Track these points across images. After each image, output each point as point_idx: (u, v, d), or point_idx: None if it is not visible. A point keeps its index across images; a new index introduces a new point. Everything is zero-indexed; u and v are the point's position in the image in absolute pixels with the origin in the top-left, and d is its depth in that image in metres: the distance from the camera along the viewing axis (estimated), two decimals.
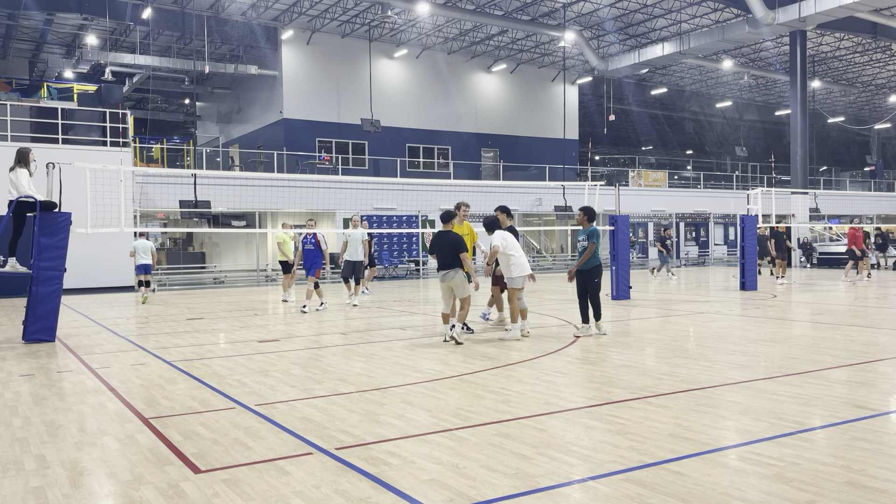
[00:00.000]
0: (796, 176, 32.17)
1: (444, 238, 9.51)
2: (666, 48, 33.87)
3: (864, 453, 4.53)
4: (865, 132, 54.56)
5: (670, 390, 6.45)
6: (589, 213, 10.17)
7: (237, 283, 24.43)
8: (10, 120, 20.74)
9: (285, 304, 16.17)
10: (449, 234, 9.54)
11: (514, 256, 9.85)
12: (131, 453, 4.82)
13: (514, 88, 38.83)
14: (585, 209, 10.23)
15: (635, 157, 51.52)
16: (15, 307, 15.76)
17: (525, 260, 10.00)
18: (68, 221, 10.51)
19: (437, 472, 4.31)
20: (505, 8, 31.55)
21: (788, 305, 14.41)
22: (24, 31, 32.69)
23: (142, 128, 37.48)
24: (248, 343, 9.99)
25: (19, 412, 6.05)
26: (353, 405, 6.07)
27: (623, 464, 4.41)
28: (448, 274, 9.39)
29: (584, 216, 10.16)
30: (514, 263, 9.84)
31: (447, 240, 9.48)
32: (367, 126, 30.86)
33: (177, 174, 22.78)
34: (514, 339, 9.79)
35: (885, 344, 9.03)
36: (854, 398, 6.03)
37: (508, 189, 29.64)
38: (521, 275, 9.84)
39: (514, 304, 9.95)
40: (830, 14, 28.18)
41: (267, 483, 4.19)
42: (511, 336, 9.82)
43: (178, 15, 30.13)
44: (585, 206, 10.31)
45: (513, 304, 9.95)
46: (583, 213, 10.18)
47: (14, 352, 9.48)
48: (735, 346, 9.04)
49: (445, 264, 9.40)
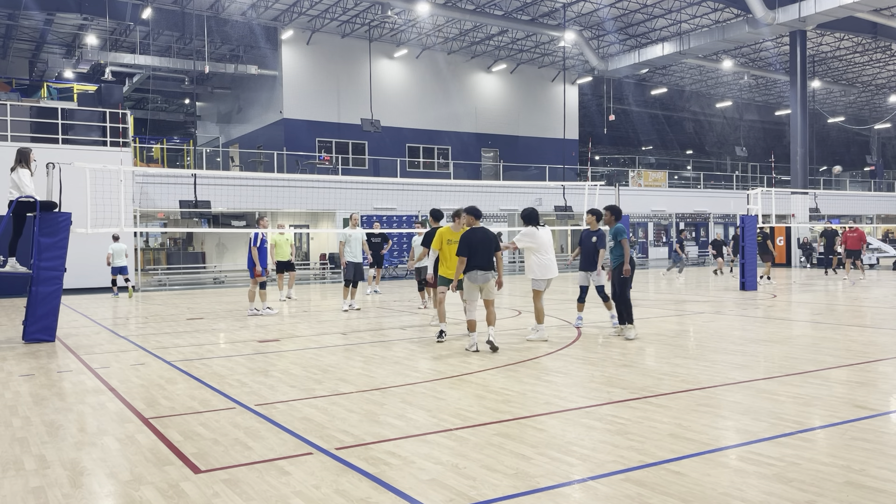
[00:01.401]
0: (796, 176, 32.17)
1: (484, 235, 8.76)
2: (666, 48, 33.88)
3: (864, 453, 4.53)
4: (865, 132, 54.55)
5: (670, 390, 6.45)
6: (615, 212, 9.95)
7: (237, 284, 24.42)
8: (10, 120, 20.74)
9: (283, 302, 16.22)
10: (485, 230, 8.85)
11: (540, 257, 9.63)
12: (131, 453, 4.82)
13: (514, 88, 38.83)
14: (611, 207, 10.02)
15: (635, 157, 51.52)
16: (15, 307, 15.76)
17: (553, 263, 9.74)
18: (68, 221, 10.51)
19: (437, 472, 4.31)
20: (505, 8, 31.55)
21: (788, 305, 14.41)
22: (24, 31, 32.69)
23: (142, 128, 37.49)
24: (248, 343, 9.99)
25: (19, 412, 6.05)
26: (353, 405, 6.07)
27: (623, 464, 4.41)
28: (488, 274, 8.73)
29: (612, 215, 9.95)
30: (539, 264, 9.62)
31: (488, 237, 8.78)
32: (367, 126, 30.86)
33: (177, 174, 22.78)
34: (542, 339, 9.61)
35: (885, 344, 9.03)
36: (854, 398, 6.03)
37: (508, 189, 29.64)
38: (544, 277, 9.64)
39: (537, 304, 9.74)
40: (830, 14, 28.18)
41: (267, 483, 4.19)
42: (538, 337, 9.64)
43: (178, 15, 30.13)
44: (611, 205, 10.12)
45: (537, 304, 9.74)
46: (609, 212, 9.97)
47: (14, 352, 9.48)
48: (735, 346, 9.04)
49: (485, 264, 8.69)
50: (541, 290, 9.73)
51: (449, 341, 9.64)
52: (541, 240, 9.69)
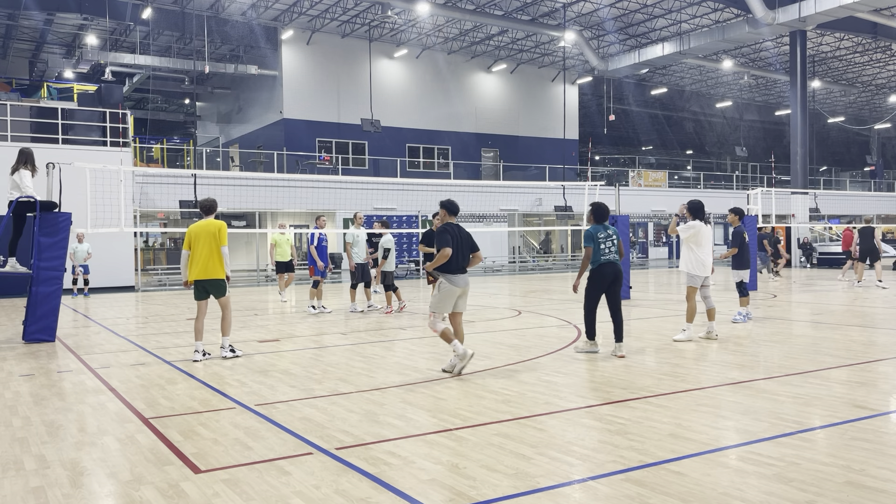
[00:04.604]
0: (796, 176, 32.17)
1: (461, 231, 7.47)
2: (666, 48, 33.88)
3: (864, 453, 4.53)
4: (865, 132, 54.55)
5: (670, 390, 6.45)
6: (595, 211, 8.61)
7: (237, 284, 24.42)
8: (10, 120, 20.74)
9: (284, 303, 16.21)
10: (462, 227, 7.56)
11: (699, 253, 9.31)
12: (131, 453, 4.82)
13: (514, 88, 38.84)
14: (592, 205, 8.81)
15: (635, 157, 51.53)
16: (15, 307, 15.76)
17: (710, 259, 9.41)
18: (68, 221, 10.51)
19: (437, 472, 4.31)
20: (505, 8, 31.54)
21: (788, 305, 14.41)
22: (24, 31, 32.69)
23: (142, 128, 37.49)
24: (248, 343, 9.99)
25: (19, 412, 6.05)
26: (353, 405, 6.07)
27: (623, 464, 4.41)
28: (468, 278, 7.50)
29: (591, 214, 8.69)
30: (698, 260, 9.32)
31: (464, 234, 7.49)
32: (367, 126, 30.86)
33: (177, 174, 22.77)
34: (687, 339, 9.25)
35: (885, 344, 9.03)
36: (854, 398, 6.03)
37: (508, 189, 29.63)
38: (698, 274, 9.35)
39: (691, 302, 9.37)
40: (830, 14, 28.18)
41: (267, 483, 4.19)
42: (684, 337, 9.28)
43: (178, 15, 30.13)
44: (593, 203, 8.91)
45: (690, 302, 9.36)
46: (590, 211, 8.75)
47: (14, 352, 9.48)
48: (735, 346, 9.04)
49: (465, 265, 7.44)
50: (696, 286, 9.41)
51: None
52: (704, 236, 9.36)
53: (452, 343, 7.20)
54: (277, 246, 16.50)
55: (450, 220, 7.53)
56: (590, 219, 8.70)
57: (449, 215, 7.57)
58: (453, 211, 7.59)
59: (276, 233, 16.55)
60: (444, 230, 7.36)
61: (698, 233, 9.35)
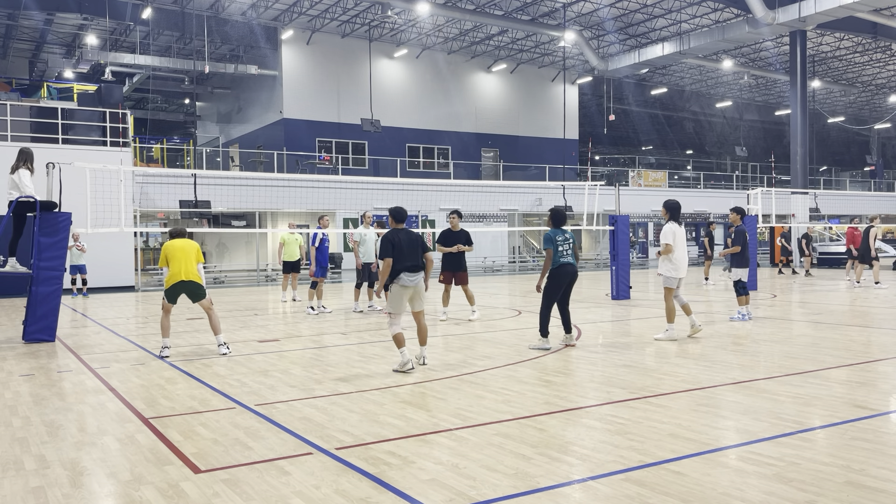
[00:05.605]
0: (796, 176, 32.17)
1: (407, 235, 7.70)
2: (666, 48, 33.89)
3: (864, 453, 4.53)
4: (865, 132, 54.56)
5: (670, 390, 6.45)
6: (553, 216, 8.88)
7: (237, 283, 24.42)
8: (10, 120, 20.74)
9: (284, 304, 16.20)
10: (408, 231, 7.79)
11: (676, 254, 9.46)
12: (131, 453, 4.83)
13: (514, 88, 38.84)
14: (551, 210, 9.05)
15: (635, 157, 51.53)
16: (15, 307, 15.76)
17: (684, 261, 9.58)
18: (68, 221, 10.52)
19: (437, 472, 4.31)
20: (505, 8, 31.55)
21: (788, 305, 14.41)
22: (24, 31, 32.69)
23: (142, 128, 37.50)
24: (248, 343, 9.99)
25: (19, 412, 6.05)
26: (353, 405, 6.07)
27: (623, 464, 4.41)
28: (417, 277, 7.65)
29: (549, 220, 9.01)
30: (672, 260, 9.45)
31: (412, 237, 7.73)
32: (367, 126, 30.86)
33: (177, 174, 22.78)
34: (671, 339, 9.40)
35: (885, 344, 9.03)
36: (854, 398, 6.03)
37: (508, 189, 29.64)
38: (675, 276, 9.48)
39: (669, 303, 9.52)
40: (830, 14, 28.18)
41: (267, 483, 4.19)
42: (668, 336, 9.43)
43: (178, 15, 30.14)
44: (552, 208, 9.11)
45: (668, 303, 9.52)
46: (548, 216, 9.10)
47: (14, 352, 9.48)
48: (735, 345, 9.04)
49: (412, 266, 7.59)
50: (673, 287, 9.54)
51: (450, 343, 9.64)
52: (679, 237, 9.53)
53: (401, 350, 7.60)
54: (286, 245, 16.32)
55: (397, 227, 7.83)
56: (548, 223, 8.99)
57: (396, 222, 7.87)
58: (399, 218, 7.89)
59: (286, 232, 16.46)
60: (385, 239, 7.61)
61: (675, 235, 9.56)
